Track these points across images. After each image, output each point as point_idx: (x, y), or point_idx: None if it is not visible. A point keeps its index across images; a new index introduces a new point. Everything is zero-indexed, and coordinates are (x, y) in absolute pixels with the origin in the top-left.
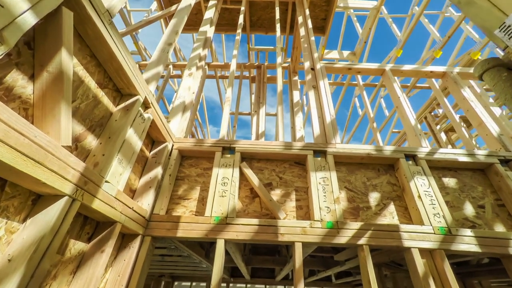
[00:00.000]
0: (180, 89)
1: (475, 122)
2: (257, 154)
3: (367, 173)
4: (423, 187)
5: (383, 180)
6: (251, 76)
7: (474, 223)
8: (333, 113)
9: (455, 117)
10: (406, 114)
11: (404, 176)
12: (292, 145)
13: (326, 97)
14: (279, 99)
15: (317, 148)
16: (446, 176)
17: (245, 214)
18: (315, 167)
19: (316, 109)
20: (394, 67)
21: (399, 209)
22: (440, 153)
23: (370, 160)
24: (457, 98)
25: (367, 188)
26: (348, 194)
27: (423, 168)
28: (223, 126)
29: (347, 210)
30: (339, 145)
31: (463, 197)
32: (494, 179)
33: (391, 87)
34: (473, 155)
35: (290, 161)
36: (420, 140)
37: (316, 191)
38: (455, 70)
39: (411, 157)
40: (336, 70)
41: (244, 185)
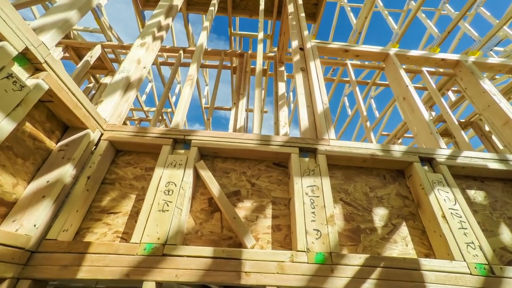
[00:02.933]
0: (125, 61)
1: (500, 121)
2: (223, 151)
3: (370, 181)
4: (447, 203)
5: (391, 191)
6: (232, 66)
7: None
8: (326, 100)
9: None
10: (417, 106)
11: (420, 186)
12: (270, 140)
13: (317, 81)
14: (258, 80)
15: (304, 144)
16: (472, 188)
17: (197, 237)
18: (301, 170)
19: (304, 96)
20: (399, 51)
21: (414, 232)
22: (464, 157)
23: (374, 164)
24: (474, 91)
25: (370, 202)
26: (345, 210)
27: (445, 177)
28: (179, 111)
29: (343, 233)
30: (334, 141)
31: (496, 217)
32: None
33: (396, 74)
34: (506, 161)
35: (267, 162)
36: (438, 139)
37: (301, 206)
38: (470, 59)
39: (427, 161)
40: (330, 51)
41: (200, 194)
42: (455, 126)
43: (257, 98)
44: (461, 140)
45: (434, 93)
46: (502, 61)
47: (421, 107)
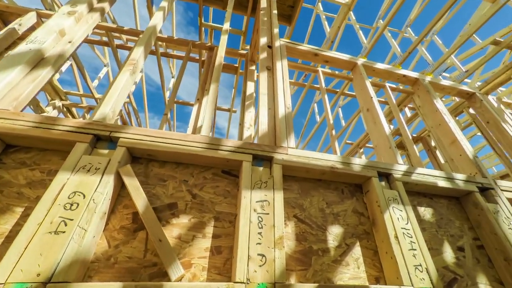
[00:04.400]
0: (40, 29)
1: (447, 139)
2: (160, 154)
3: (328, 196)
4: (400, 222)
5: (348, 207)
6: (201, 59)
7: (456, 274)
8: (289, 104)
9: (408, 134)
10: (379, 119)
11: (376, 203)
12: (220, 144)
13: (282, 83)
14: (216, 74)
15: (259, 152)
16: (422, 205)
17: (108, 265)
18: (251, 182)
19: (266, 97)
20: (367, 63)
21: (366, 253)
22: (418, 174)
23: (333, 177)
24: (428, 109)
25: (326, 219)
26: (298, 228)
27: (400, 194)
28: (109, 99)
29: (293, 255)
30: (293, 150)
31: (440, 235)
32: (472, 212)
33: (362, 85)
34: (452, 180)
35: (215, 169)
36: (396, 154)
37: (246, 225)
38: (427, 78)
39: (385, 177)
40: (300, 53)
41: (123, 207)
42: (409, 140)
43: (212, 94)
44: (412, 153)
45: (394, 108)
46: (452, 84)
47: (383, 120)
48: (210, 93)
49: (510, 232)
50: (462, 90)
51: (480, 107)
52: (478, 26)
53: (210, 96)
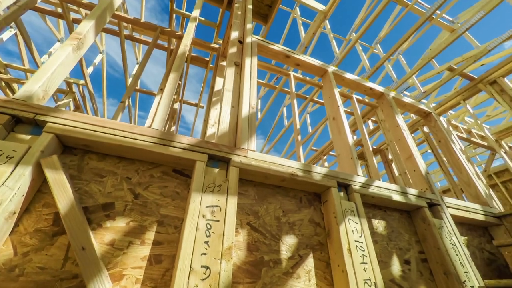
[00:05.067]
0: None
1: (404, 154)
2: (100, 145)
3: (285, 203)
4: (355, 234)
5: (305, 216)
6: (170, 48)
7: (401, 287)
8: (254, 104)
9: (369, 145)
10: (344, 128)
11: (333, 214)
12: (173, 140)
13: (249, 81)
14: (177, 63)
15: (216, 152)
16: (376, 217)
17: (10, 279)
18: (204, 184)
19: (231, 94)
20: (337, 71)
21: (319, 265)
22: (375, 187)
23: (293, 184)
24: (390, 124)
25: (281, 228)
26: (251, 237)
27: (357, 206)
28: (41, 76)
29: (243, 266)
30: (253, 153)
31: (390, 248)
32: (420, 226)
33: (330, 93)
34: (406, 194)
35: (166, 167)
36: (356, 165)
37: (192, 233)
38: (391, 93)
39: (344, 187)
40: (271, 52)
41: (43, 206)
42: (369, 151)
43: (170, 84)
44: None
45: (358, 119)
46: (413, 102)
47: (347, 130)
48: (168, 82)
49: (450, 247)
50: (421, 109)
51: (434, 127)
52: (437, 52)
53: (168, 87)
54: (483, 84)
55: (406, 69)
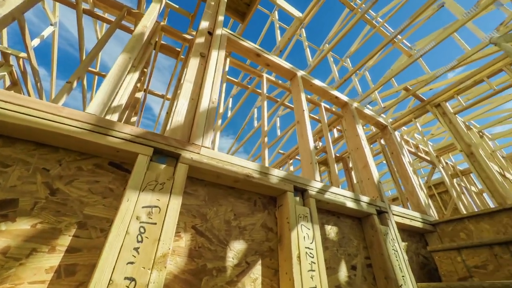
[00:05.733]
0: None
1: (361, 163)
2: (8, 126)
3: (238, 206)
4: (306, 241)
5: (258, 220)
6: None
7: None
8: (216, 99)
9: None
10: (306, 132)
11: (286, 219)
12: (112, 128)
13: (214, 75)
14: (129, 45)
15: (164, 145)
16: (329, 223)
17: None
18: (143, 181)
19: (191, 86)
20: (306, 76)
21: (266, 273)
22: (331, 193)
23: (248, 186)
24: (351, 133)
25: (230, 233)
26: (194, 242)
27: (311, 212)
28: None
29: (181, 276)
30: (207, 151)
31: (340, 254)
32: (369, 232)
33: (297, 97)
34: (359, 202)
35: (100, 159)
36: (315, 170)
37: (119, 236)
38: (355, 104)
39: (300, 192)
40: (241, 48)
41: None
42: (332, 159)
43: (118, 65)
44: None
45: (324, 126)
46: (373, 114)
47: (309, 134)
48: (116, 64)
49: (392, 253)
50: (379, 121)
51: (389, 139)
52: (396, 72)
53: (114, 67)
54: (430, 106)
55: (370, 85)
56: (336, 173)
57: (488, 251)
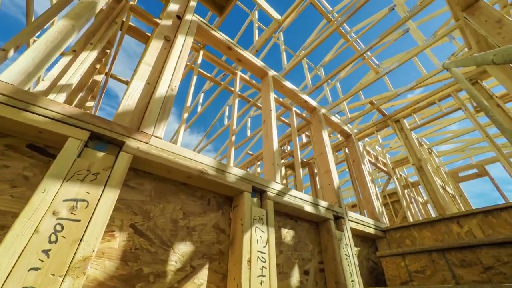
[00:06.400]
0: None
1: (323, 168)
2: None
3: (189, 204)
4: (259, 244)
5: (210, 220)
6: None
7: None
8: (175, 87)
9: (299, 157)
10: (271, 133)
11: (240, 221)
12: (35, 103)
13: (177, 61)
14: (77, 10)
15: (105, 131)
16: (286, 227)
17: None
18: (70, 169)
19: (150, 69)
20: (278, 76)
21: (213, 278)
22: (290, 196)
23: (202, 183)
24: (317, 138)
25: (177, 233)
26: (131, 243)
27: (268, 214)
28: None
29: (107, 282)
30: (158, 141)
31: (294, 259)
32: (324, 237)
33: (266, 96)
34: (317, 206)
35: (15, 139)
36: (276, 172)
37: (23, 236)
38: (323, 110)
39: (259, 193)
40: (212, 39)
41: None
42: (298, 163)
43: (53, 31)
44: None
45: (293, 130)
46: (339, 122)
47: (274, 135)
48: (51, 29)
49: (345, 258)
50: (344, 130)
51: (352, 148)
52: (364, 86)
53: (49, 33)
54: (390, 121)
55: (340, 95)
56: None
57: (427, 257)
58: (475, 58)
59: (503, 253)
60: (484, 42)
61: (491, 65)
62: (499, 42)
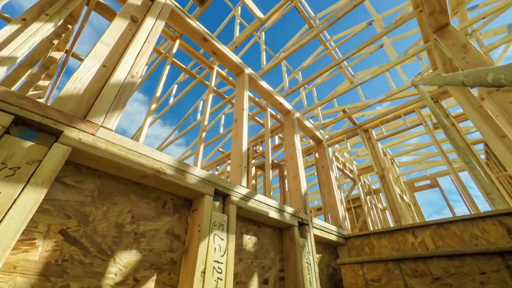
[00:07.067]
0: None
1: (292, 173)
2: None
3: (140, 207)
4: (217, 253)
5: (163, 225)
6: None
7: None
8: (137, 73)
9: (270, 158)
10: (241, 132)
11: (198, 226)
12: None
13: (142, 45)
14: None
15: (34, 115)
16: (249, 233)
17: None
18: None
19: (108, 50)
20: (254, 75)
21: None
22: (255, 200)
23: (158, 184)
24: (289, 141)
25: (120, 240)
26: (59, 253)
27: (229, 220)
28: None
29: None
30: (108, 133)
31: (254, 267)
32: (287, 244)
33: (240, 94)
34: (282, 212)
35: None
36: (242, 175)
37: None
38: (297, 114)
39: (222, 197)
40: (186, 27)
41: None
42: (268, 164)
43: None
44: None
45: (266, 131)
46: (312, 127)
47: (244, 135)
48: None
49: (306, 266)
50: (316, 135)
51: (322, 154)
52: (338, 94)
53: None
54: (360, 130)
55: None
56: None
57: (384, 266)
58: (444, 78)
59: (451, 265)
60: (450, 64)
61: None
62: (463, 66)
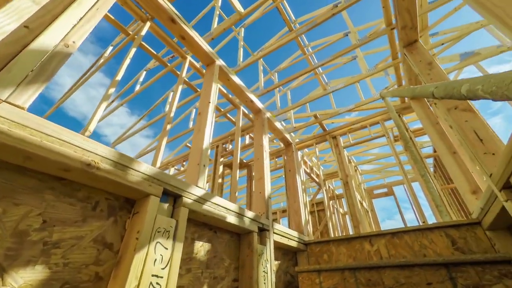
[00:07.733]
0: None
1: (257, 175)
2: None
3: (58, 207)
4: (157, 265)
5: (91, 232)
6: None
7: None
8: (74, 43)
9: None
10: (204, 127)
11: (137, 233)
12: None
13: (90, 9)
14: None
15: None
16: (202, 239)
17: None
18: None
19: (36, 7)
20: (226, 68)
21: None
22: (213, 203)
23: (89, 180)
24: (257, 142)
25: (18, 253)
26: None
27: (178, 226)
28: None
29: None
30: (15, 112)
31: (204, 278)
32: (244, 251)
33: (207, 85)
34: (242, 217)
35: None
36: (200, 174)
37: None
38: (268, 114)
39: (172, 198)
40: (152, 4)
41: None
42: (236, 163)
43: None
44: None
45: (237, 129)
46: (282, 129)
47: (207, 130)
48: None
49: (262, 275)
50: (286, 137)
51: (290, 157)
52: (311, 99)
53: None
54: (329, 136)
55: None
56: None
57: (340, 274)
58: (413, 89)
59: (402, 275)
60: (415, 80)
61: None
62: (427, 82)
